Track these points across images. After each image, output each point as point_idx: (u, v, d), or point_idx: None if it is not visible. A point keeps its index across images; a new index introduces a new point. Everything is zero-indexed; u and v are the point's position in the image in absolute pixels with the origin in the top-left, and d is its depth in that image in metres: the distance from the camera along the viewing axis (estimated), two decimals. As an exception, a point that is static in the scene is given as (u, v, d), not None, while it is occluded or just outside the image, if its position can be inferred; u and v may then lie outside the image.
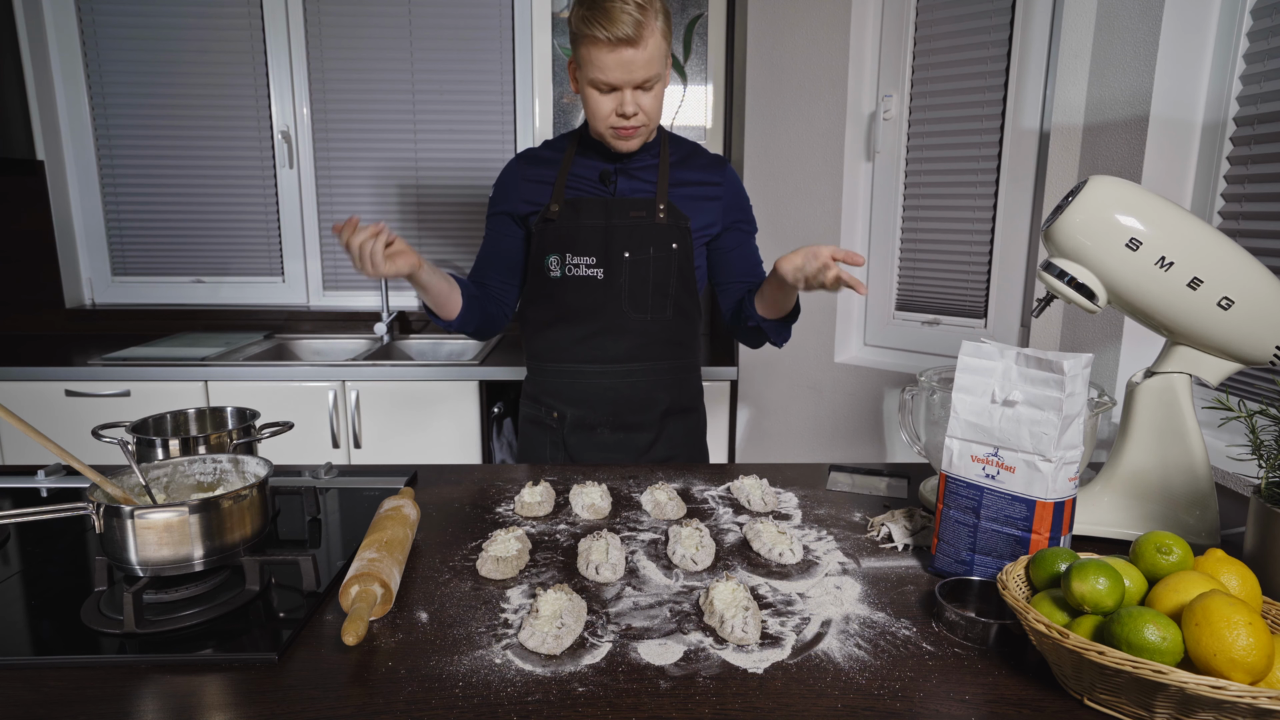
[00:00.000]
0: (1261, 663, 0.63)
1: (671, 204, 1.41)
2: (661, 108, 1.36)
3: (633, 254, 1.40)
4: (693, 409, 1.55)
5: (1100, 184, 0.96)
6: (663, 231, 1.40)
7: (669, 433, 1.50)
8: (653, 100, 1.32)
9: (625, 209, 1.40)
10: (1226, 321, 0.95)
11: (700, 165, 1.47)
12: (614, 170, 1.42)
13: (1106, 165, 1.58)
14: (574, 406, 1.47)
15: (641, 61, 1.25)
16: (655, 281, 1.42)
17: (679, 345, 1.48)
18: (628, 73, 1.25)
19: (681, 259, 1.42)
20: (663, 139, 1.46)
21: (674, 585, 0.92)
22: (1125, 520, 1.05)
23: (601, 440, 1.48)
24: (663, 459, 1.50)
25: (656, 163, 1.44)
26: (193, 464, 0.96)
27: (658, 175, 1.42)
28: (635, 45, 1.23)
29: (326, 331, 2.86)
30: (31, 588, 0.89)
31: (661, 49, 1.28)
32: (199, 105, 2.76)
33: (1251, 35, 1.39)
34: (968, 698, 0.70)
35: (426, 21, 2.71)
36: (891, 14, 2.06)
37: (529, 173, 1.46)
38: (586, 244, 1.40)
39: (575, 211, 1.40)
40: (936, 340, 2.11)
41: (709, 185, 1.45)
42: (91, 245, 2.87)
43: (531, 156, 1.48)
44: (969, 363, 0.91)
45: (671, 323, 1.45)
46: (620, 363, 1.44)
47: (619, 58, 1.24)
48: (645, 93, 1.30)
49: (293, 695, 0.70)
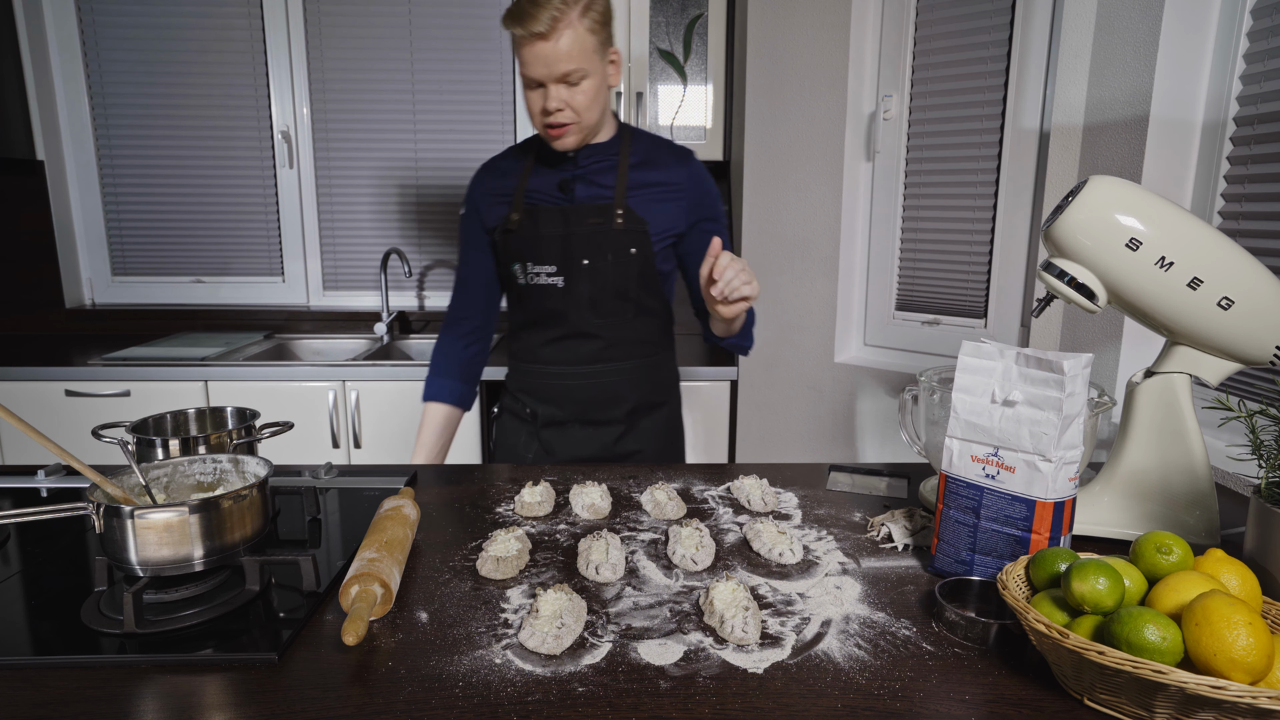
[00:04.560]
0: (1261, 663, 0.63)
1: (629, 208, 1.41)
2: (598, 104, 1.34)
3: (591, 261, 1.41)
4: (662, 404, 1.56)
5: (1100, 184, 0.96)
6: (619, 237, 1.40)
7: (638, 427, 1.53)
8: (582, 96, 1.30)
9: (583, 216, 1.40)
10: (1226, 321, 0.95)
11: (662, 164, 1.45)
12: (572, 178, 1.43)
13: (1106, 165, 1.58)
14: (546, 404, 1.51)
15: (559, 55, 1.25)
16: (615, 287, 1.43)
17: (644, 344, 1.50)
18: (547, 66, 1.26)
19: (641, 263, 1.42)
20: (623, 138, 1.45)
21: (674, 585, 0.92)
22: (1125, 520, 1.05)
23: (572, 435, 1.52)
24: (631, 452, 1.53)
25: (615, 163, 1.43)
26: (193, 464, 0.96)
27: (615, 178, 1.42)
28: (549, 39, 1.24)
29: (326, 331, 2.86)
30: (31, 588, 0.89)
31: (586, 44, 1.27)
32: (199, 105, 2.76)
33: (1251, 35, 1.39)
34: (968, 698, 0.70)
35: (426, 21, 2.71)
36: (891, 14, 2.06)
37: (490, 185, 1.49)
38: (546, 253, 1.42)
39: (534, 221, 1.42)
40: (936, 340, 2.11)
41: (669, 186, 1.44)
42: (91, 245, 2.87)
43: (492, 168, 1.50)
44: (969, 363, 0.91)
45: (634, 323, 1.47)
46: (586, 364, 1.47)
47: (535, 52, 1.25)
48: (571, 88, 1.29)
49: (293, 695, 0.70)
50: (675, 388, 1.60)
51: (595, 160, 1.43)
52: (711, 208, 1.48)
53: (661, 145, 1.48)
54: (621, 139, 1.45)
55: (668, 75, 2.53)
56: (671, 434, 1.59)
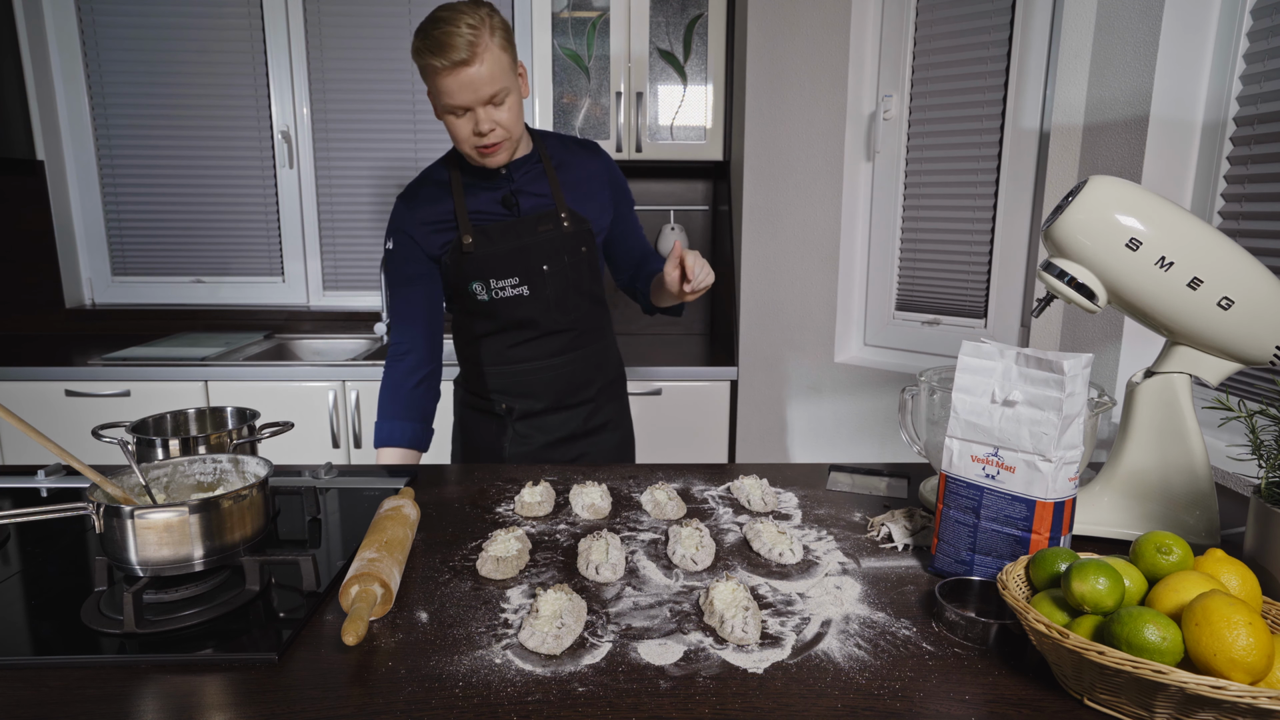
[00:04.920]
0: (1261, 663, 0.63)
1: (571, 209, 1.49)
2: (520, 118, 1.38)
3: (550, 265, 1.48)
4: (619, 377, 1.69)
5: (1100, 184, 0.96)
6: (570, 239, 1.48)
7: (604, 404, 1.63)
8: (508, 113, 1.34)
9: (533, 226, 1.46)
10: (1226, 321, 0.95)
11: (577, 163, 1.52)
12: (512, 193, 1.46)
13: (1106, 165, 1.58)
14: (521, 398, 1.56)
15: (484, 79, 1.27)
16: (574, 285, 1.51)
17: (600, 329, 1.61)
18: (474, 92, 1.28)
19: (591, 258, 1.52)
20: (537, 144, 1.49)
21: (674, 585, 0.92)
22: (1125, 520, 1.05)
23: (546, 421, 1.57)
24: (599, 426, 1.62)
25: (542, 169, 1.48)
26: (193, 464, 0.96)
27: (549, 185, 1.48)
28: (472, 65, 1.26)
29: (326, 331, 2.86)
30: (31, 588, 0.89)
31: (503, 63, 1.30)
32: (199, 105, 2.76)
33: (1251, 35, 1.39)
34: (968, 698, 0.70)
35: (426, 21, 2.71)
36: (891, 14, 2.06)
37: (421, 214, 1.46)
38: (506, 267, 1.45)
39: (488, 239, 1.45)
40: (936, 340, 2.11)
41: (591, 178, 1.53)
42: (91, 245, 2.87)
43: (412, 197, 1.48)
44: (969, 363, 0.91)
45: (591, 312, 1.56)
46: (558, 355, 1.54)
47: (459, 80, 1.27)
48: (498, 108, 1.32)
49: (293, 695, 0.70)
50: (622, 363, 1.72)
51: (525, 171, 1.47)
52: (626, 193, 1.61)
53: (569, 142, 1.55)
54: (536, 146, 1.49)
55: (668, 75, 2.53)
56: (624, 402, 1.71)
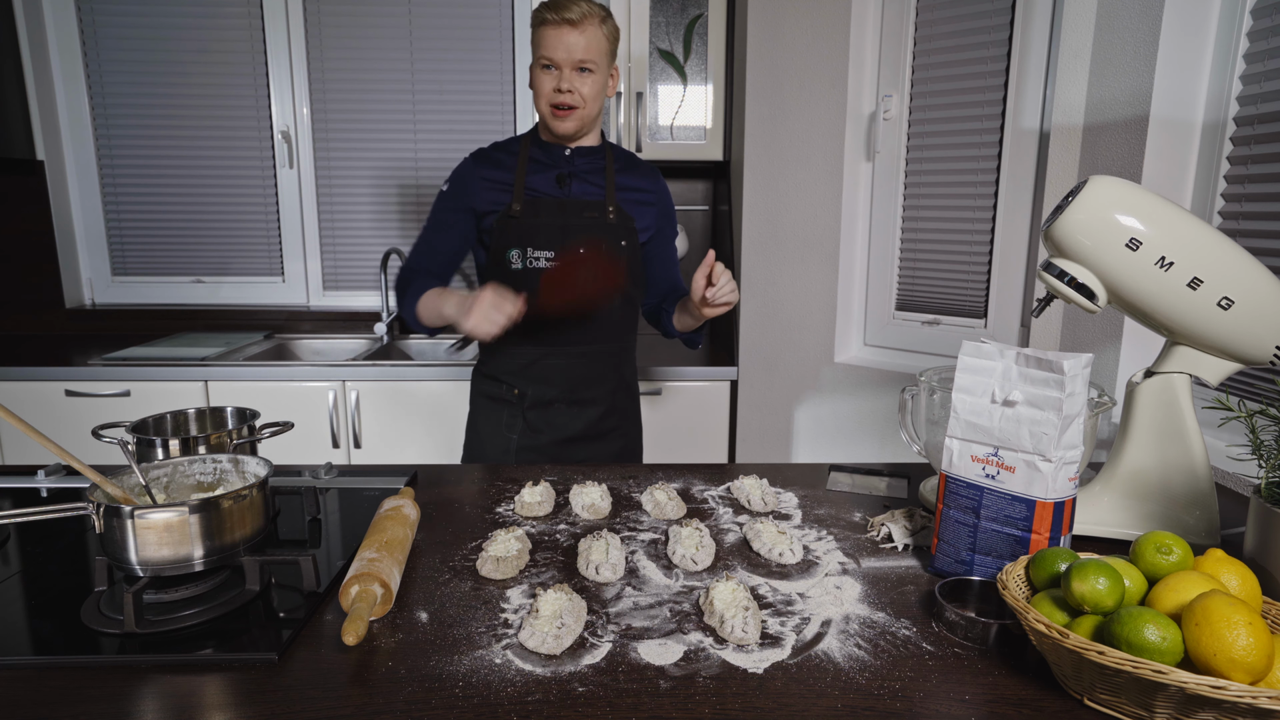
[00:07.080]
0: (1261, 663, 0.63)
1: (619, 206, 1.57)
2: (599, 101, 1.51)
3: (587, 249, 1.53)
4: (633, 384, 1.73)
5: (1100, 184, 0.96)
6: (613, 228, 1.56)
7: (618, 407, 1.66)
8: (589, 87, 1.47)
9: (580, 209, 1.55)
10: (1226, 321, 0.95)
11: (639, 174, 1.64)
12: (568, 174, 1.56)
13: (1106, 165, 1.58)
14: (534, 384, 1.58)
15: (581, 46, 1.44)
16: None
17: (623, 330, 1.64)
18: (568, 51, 1.43)
19: (630, 254, 1.58)
20: (607, 150, 1.61)
21: (674, 585, 0.92)
22: (1125, 520, 1.05)
23: (558, 414, 1.60)
24: (609, 430, 1.64)
25: (604, 168, 1.59)
26: (193, 464, 0.96)
27: (605, 180, 1.58)
28: (576, 27, 1.43)
29: (326, 331, 2.86)
30: (31, 588, 0.89)
31: (601, 46, 1.46)
32: (199, 105, 2.76)
33: (1251, 35, 1.39)
34: (968, 698, 0.70)
35: (426, 21, 2.71)
36: (891, 14, 2.06)
37: (486, 174, 1.57)
38: (546, 239, 1.53)
39: (535, 211, 1.54)
40: (936, 340, 2.11)
41: (646, 192, 1.63)
42: (91, 245, 2.86)
43: (486, 158, 1.59)
44: (969, 363, 0.91)
45: (621, 308, 1.61)
46: (576, 344, 1.58)
47: (561, 36, 1.43)
48: (583, 76, 1.46)
49: (293, 695, 0.70)
50: (636, 371, 1.76)
51: (586, 161, 1.58)
52: (672, 218, 1.70)
53: (636, 159, 1.67)
54: (605, 148, 1.61)
55: (668, 75, 2.53)
56: (636, 410, 1.74)
